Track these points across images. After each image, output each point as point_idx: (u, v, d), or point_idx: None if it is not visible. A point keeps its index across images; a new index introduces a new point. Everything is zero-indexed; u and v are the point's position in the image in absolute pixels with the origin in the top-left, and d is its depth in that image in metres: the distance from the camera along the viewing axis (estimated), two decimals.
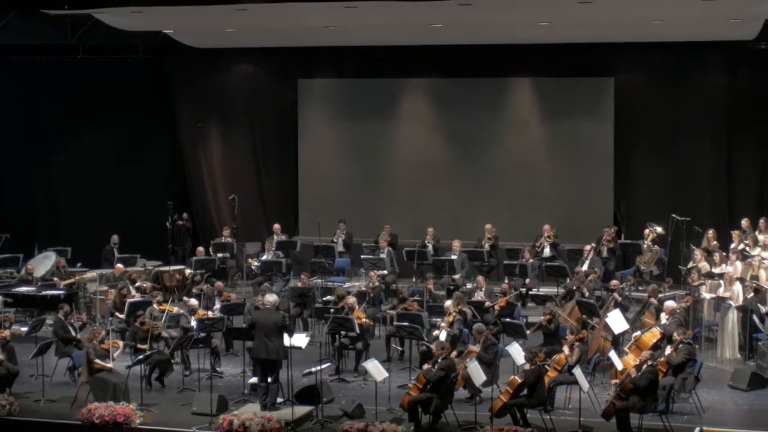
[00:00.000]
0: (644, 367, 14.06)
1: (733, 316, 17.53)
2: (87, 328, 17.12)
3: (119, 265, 19.85)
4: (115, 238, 21.93)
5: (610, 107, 22.74)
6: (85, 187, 24.48)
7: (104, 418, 14.39)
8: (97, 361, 15.19)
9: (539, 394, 14.23)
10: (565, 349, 15.35)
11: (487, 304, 17.49)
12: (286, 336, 14.96)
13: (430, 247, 21.24)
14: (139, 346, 16.24)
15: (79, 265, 21.41)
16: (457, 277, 20.11)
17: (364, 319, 17.11)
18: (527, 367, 14.41)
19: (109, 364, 15.32)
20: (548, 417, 14.28)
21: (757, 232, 19.45)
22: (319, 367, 14.97)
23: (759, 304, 17.32)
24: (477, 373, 14.48)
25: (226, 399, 15.17)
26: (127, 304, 17.79)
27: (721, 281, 17.90)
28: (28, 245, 22.25)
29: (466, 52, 22.76)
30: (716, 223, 20.93)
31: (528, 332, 16.59)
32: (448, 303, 16.97)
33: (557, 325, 16.59)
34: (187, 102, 24.61)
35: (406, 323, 16.50)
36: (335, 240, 21.80)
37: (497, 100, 23.46)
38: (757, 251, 18.91)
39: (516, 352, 15.13)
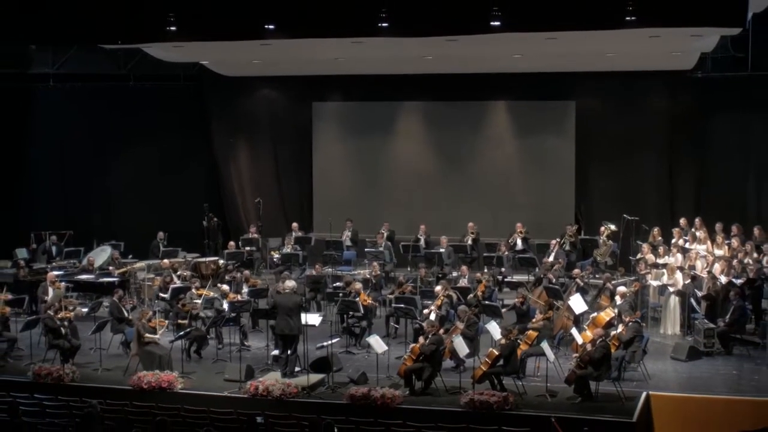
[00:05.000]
0: (598, 341, 14.10)
1: (674, 300, 17.54)
2: (137, 310, 17.15)
3: (166, 260, 19.85)
4: (160, 234, 21.91)
5: (571, 125, 22.70)
6: (136, 193, 24.45)
7: (151, 384, 14.46)
8: (147, 335, 15.25)
9: (513, 364, 14.27)
10: (538, 316, 15.29)
11: (471, 296, 17.42)
12: (303, 314, 15.01)
13: (422, 242, 21.19)
14: (180, 321, 16.32)
15: (130, 256, 21.40)
16: (444, 266, 20.10)
17: (369, 300, 17.13)
18: (503, 341, 14.44)
19: (156, 337, 15.39)
20: (520, 383, 14.34)
21: (693, 229, 19.48)
22: (330, 342, 14.99)
23: (696, 290, 17.38)
24: (461, 346, 14.52)
25: (253, 368, 15.19)
26: (170, 289, 17.83)
27: (664, 270, 17.91)
28: (88, 241, 22.24)
29: (453, 80, 22.70)
30: (660, 222, 20.86)
31: (503, 311, 16.59)
32: (438, 288, 16.96)
33: (528, 306, 16.60)
34: (220, 121, 24.55)
35: (402, 305, 16.52)
36: (343, 236, 21.79)
37: (478, 120, 23.42)
38: (694, 245, 18.95)
39: (494, 329, 15.13)
